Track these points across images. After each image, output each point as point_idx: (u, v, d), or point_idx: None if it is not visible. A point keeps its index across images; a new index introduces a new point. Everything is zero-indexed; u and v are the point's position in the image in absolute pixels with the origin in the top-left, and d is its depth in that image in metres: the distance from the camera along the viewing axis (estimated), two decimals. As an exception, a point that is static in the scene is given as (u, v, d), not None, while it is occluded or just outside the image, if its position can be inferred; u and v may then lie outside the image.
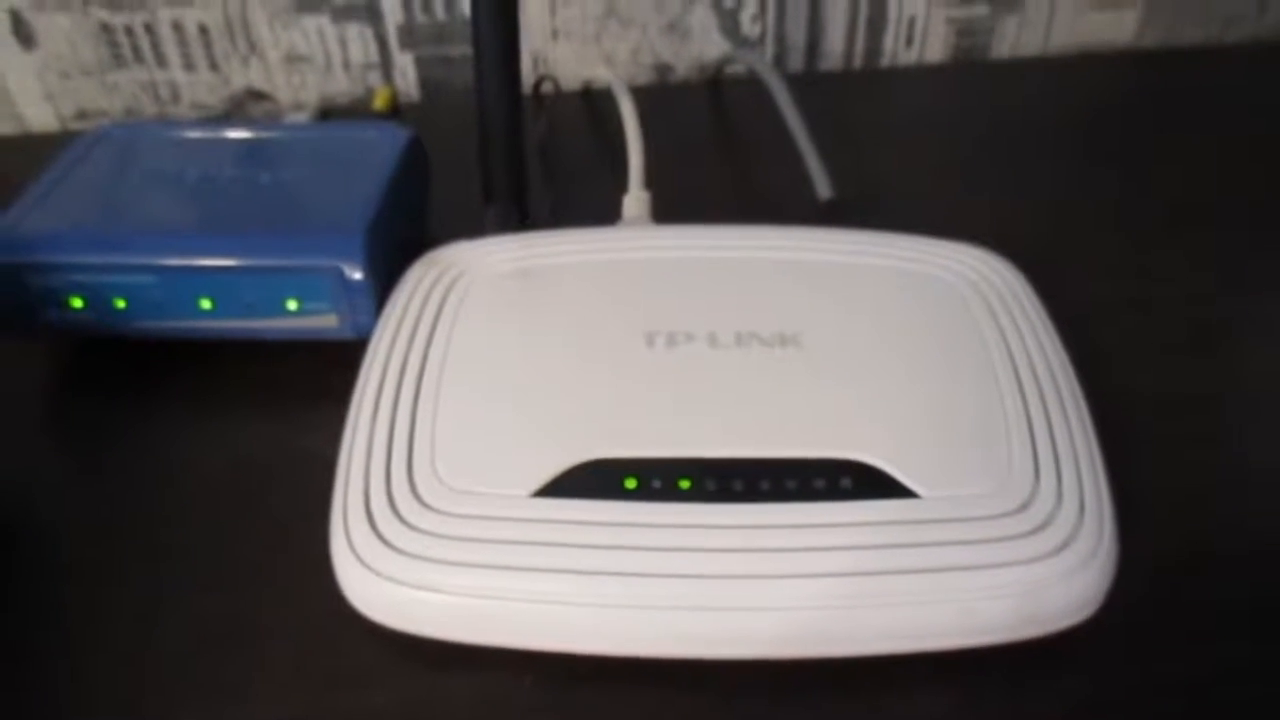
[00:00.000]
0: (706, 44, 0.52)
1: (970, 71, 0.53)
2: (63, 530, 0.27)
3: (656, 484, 0.23)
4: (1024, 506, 0.23)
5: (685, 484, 0.23)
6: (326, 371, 0.29)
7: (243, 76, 0.50)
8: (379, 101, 0.48)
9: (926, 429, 0.24)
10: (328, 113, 0.47)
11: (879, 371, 0.26)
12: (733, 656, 0.23)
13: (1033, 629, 0.22)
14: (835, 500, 0.23)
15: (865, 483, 0.23)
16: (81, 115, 0.51)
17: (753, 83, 0.45)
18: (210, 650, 0.24)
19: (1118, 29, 0.54)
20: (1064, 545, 0.22)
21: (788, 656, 0.22)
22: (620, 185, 0.36)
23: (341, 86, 0.51)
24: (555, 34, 0.51)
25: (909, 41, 0.53)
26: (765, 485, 0.23)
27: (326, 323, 0.31)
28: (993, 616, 0.22)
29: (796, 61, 0.53)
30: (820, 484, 0.23)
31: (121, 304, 0.31)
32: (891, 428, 0.24)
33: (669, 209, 0.35)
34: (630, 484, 0.23)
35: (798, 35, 0.52)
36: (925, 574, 0.22)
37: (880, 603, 0.22)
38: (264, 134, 0.36)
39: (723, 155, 0.45)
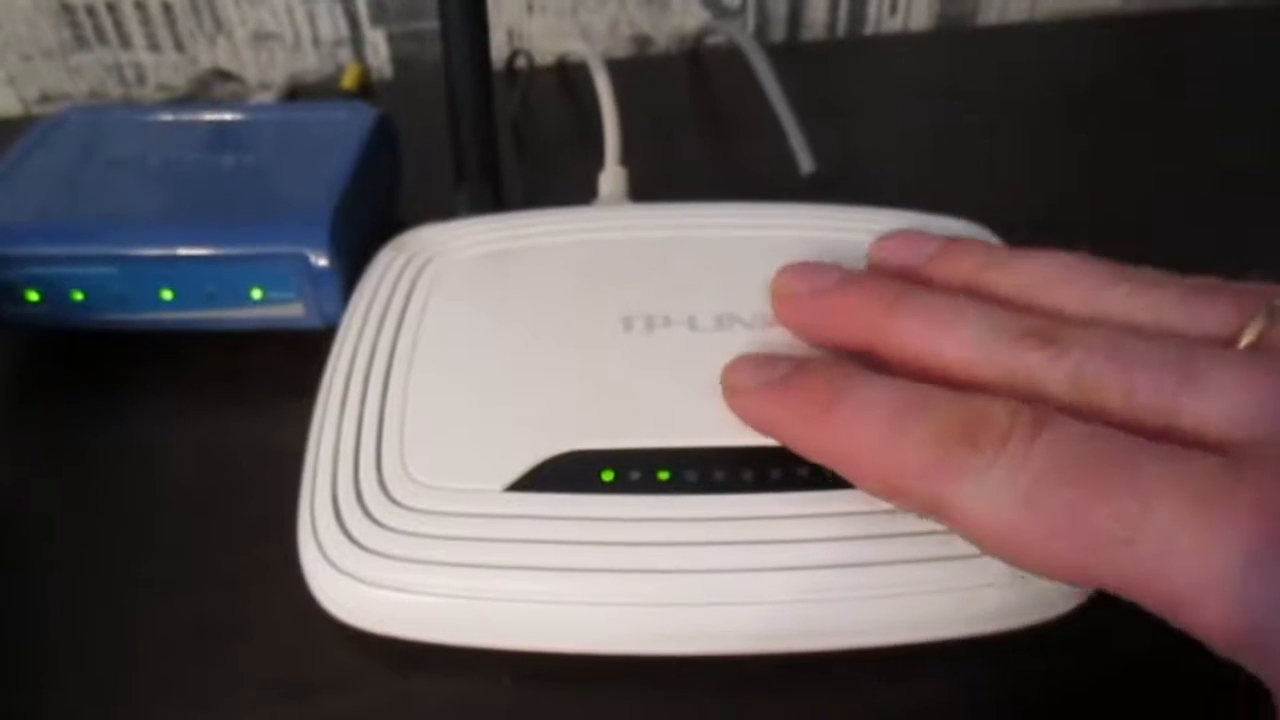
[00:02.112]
0: (686, 15, 0.51)
1: (956, 39, 0.52)
2: (24, 531, 0.27)
3: (634, 476, 0.22)
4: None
5: (664, 475, 0.22)
6: (296, 362, 0.28)
7: (210, 56, 0.49)
8: (348, 79, 0.46)
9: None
10: (295, 92, 0.46)
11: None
12: (719, 652, 0.22)
13: (1023, 617, 0.21)
14: (820, 489, 0.22)
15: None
16: (45, 99, 0.49)
17: (733, 54, 0.43)
18: (179, 654, 0.23)
19: (1106, -7, 0.53)
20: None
21: (775, 651, 0.22)
22: (597, 161, 0.35)
23: (311, 64, 0.50)
24: (530, 7, 0.50)
25: (893, 9, 0.52)
26: (748, 475, 0.22)
27: (293, 311, 0.30)
28: (982, 605, 0.21)
29: (778, 31, 0.52)
30: (805, 472, 0.22)
31: (79, 296, 0.29)
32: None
33: (647, 185, 0.34)
34: (607, 476, 0.22)
35: (779, 5, 0.51)
36: (913, 564, 0.21)
37: (868, 594, 0.21)
38: (227, 116, 0.35)
39: (702, 129, 0.44)
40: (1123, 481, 0.16)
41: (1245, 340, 0.19)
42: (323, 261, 0.29)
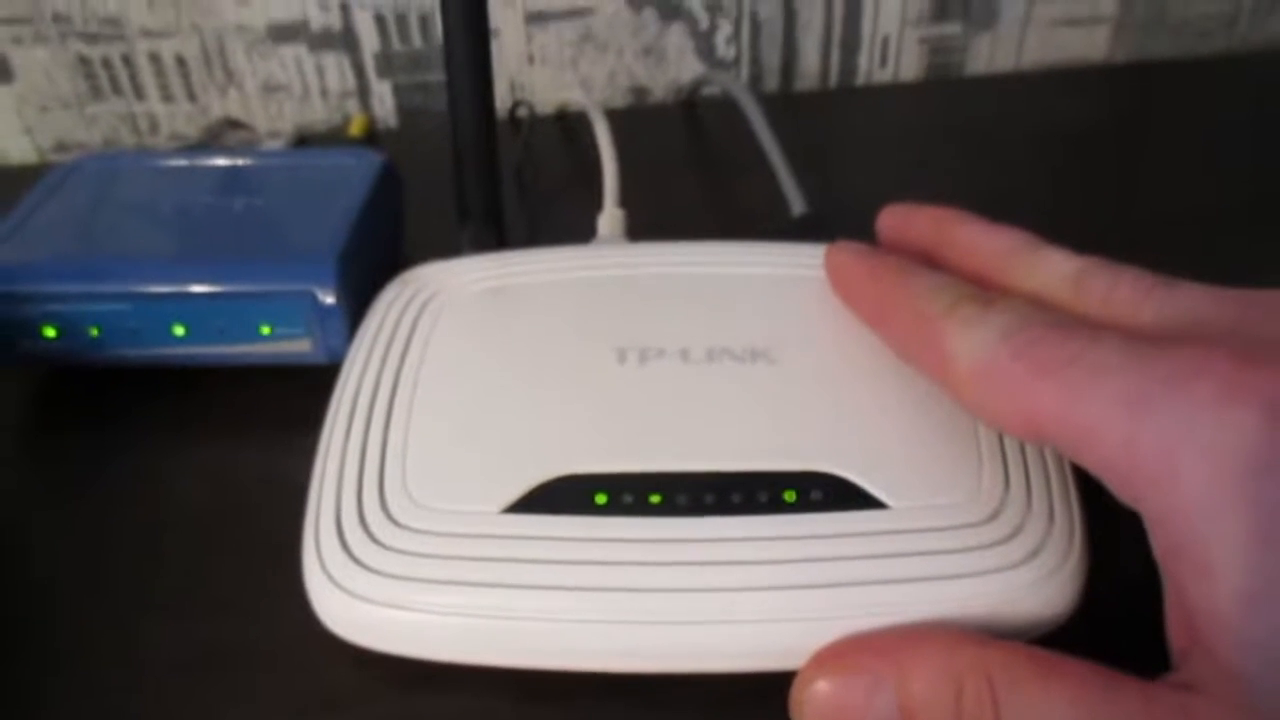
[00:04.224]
0: (682, 67, 0.53)
1: (944, 89, 0.54)
2: (37, 559, 0.27)
3: (627, 498, 0.23)
4: (994, 515, 0.23)
5: (656, 498, 0.23)
6: (303, 396, 0.29)
7: (221, 107, 0.50)
8: (354, 128, 0.48)
9: (896, 440, 0.24)
10: (304, 140, 0.47)
11: (850, 384, 0.26)
12: (710, 670, 0.23)
13: (1005, 638, 0.22)
14: (806, 512, 0.23)
15: (835, 494, 0.23)
16: (61, 148, 0.51)
17: (727, 104, 0.45)
18: (185, 679, 0.24)
19: (1090, 44, 0.54)
20: (1034, 553, 0.22)
21: (765, 670, 0.22)
22: (596, 205, 0.36)
23: (319, 115, 0.51)
24: (531, 59, 0.51)
25: (883, 61, 0.54)
26: (736, 498, 0.23)
27: (300, 347, 0.31)
28: (964, 626, 0.22)
29: (772, 82, 0.54)
30: (791, 496, 0.23)
31: (95, 332, 0.31)
32: (861, 439, 0.24)
33: (645, 228, 0.35)
34: (601, 499, 0.23)
35: (773, 56, 0.53)
36: (896, 585, 0.22)
37: (853, 614, 0.21)
38: (238, 162, 0.36)
39: (698, 175, 0.46)
40: (1082, 331, 0.20)
41: None
42: (330, 299, 0.30)
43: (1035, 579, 0.22)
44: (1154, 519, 0.19)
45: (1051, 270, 0.24)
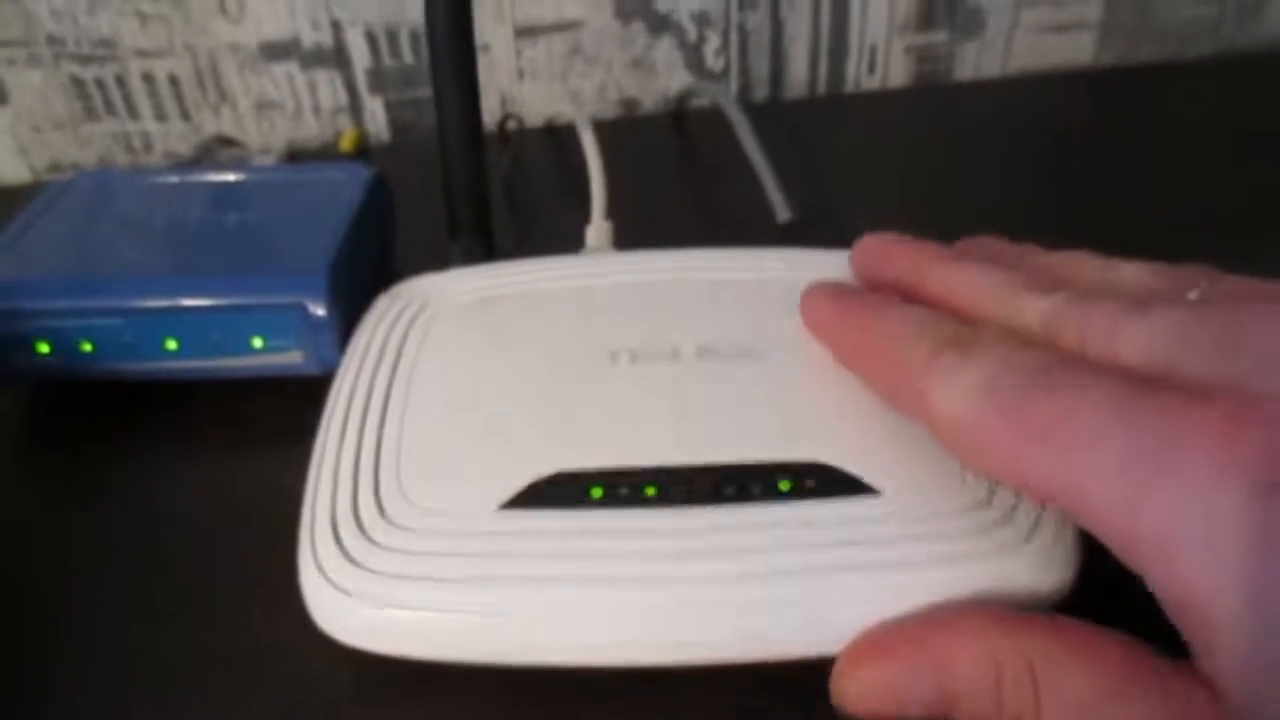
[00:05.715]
0: (672, 79, 0.53)
1: (931, 95, 0.54)
2: (32, 571, 0.27)
3: (622, 491, 0.23)
4: (987, 500, 0.23)
5: (651, 490, 0.23)
6: (296, 407, 0.29)
7: (214, 125, 0.51)
8: (346, 143, 0.48)
9: (886, 427, 0.24)
10: (295, 156, 0.47)
11: (838, 377, 0.26)
12: (710, 660, 0.22)
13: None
14: (798, 500, 0.23)
15: (828, 483, 0.23)
16: (55, 168, 0.51)
17: (716, 113, 0.45)
18: (181, 687, 0.24)
19: (1076, 50, 0.55)
20: (1028, 535, 0.22)
21: (764, 659, 0.22)
22: (585, 217, 0.36)
23: (313, 131, 0.51)
24: (521, 74, 0.52)
25: (871, 69, 0.54)
26: (729, 489, 0.23)
27: (292, 359, 0.31)
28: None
29: (761, 91, 0.54)
30: (783, 485, 0.23)
31: (88, 347, 0.31)
32: (852, 428, 0.24)
33: (633, 238, 0.36)
34: (596, 493, 0.23)
35: (761, 66, 0.53)
36: (890, 571, 0.22)
37: (849, 601, 0.22)
38: (230, 177, 0.37)
39: (686, 186, 0.46)
40: (1066, 383, 0.20)
41: (1191, 296, 0.22)
42: (321, 311, 0.30)
43: (1030, 560, 0.22)
44: (1157, 589, 0.19)
45: (1025, 317, 0.23)
